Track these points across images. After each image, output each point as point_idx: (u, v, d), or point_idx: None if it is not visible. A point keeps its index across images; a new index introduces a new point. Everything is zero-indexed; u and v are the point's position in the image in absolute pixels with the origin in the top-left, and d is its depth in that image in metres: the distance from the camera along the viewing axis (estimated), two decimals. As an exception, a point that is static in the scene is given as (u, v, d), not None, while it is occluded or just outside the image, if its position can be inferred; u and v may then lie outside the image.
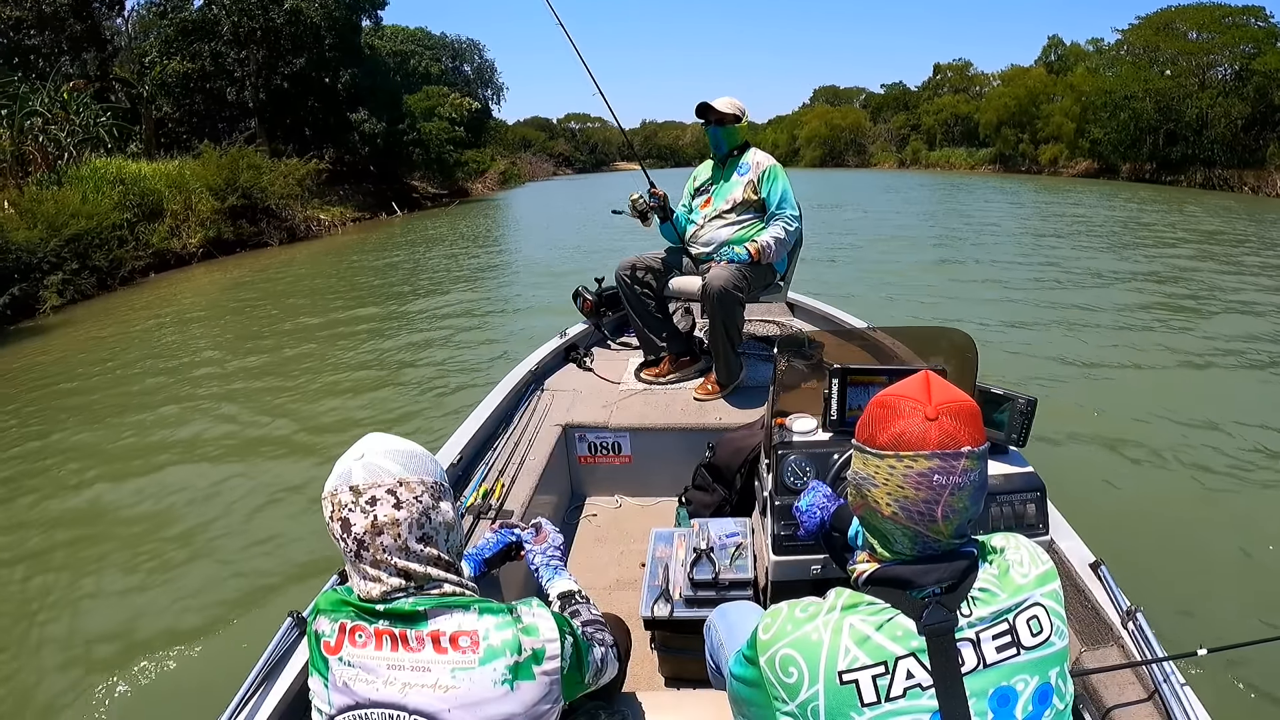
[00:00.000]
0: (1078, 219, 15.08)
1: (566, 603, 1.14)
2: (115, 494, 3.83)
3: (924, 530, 0.77)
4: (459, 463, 2.11)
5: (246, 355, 6.48)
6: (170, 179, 13.63)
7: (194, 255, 12.92)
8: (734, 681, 0.89)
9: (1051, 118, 34.16)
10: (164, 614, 2.78)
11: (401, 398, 5.22)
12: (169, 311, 8.87)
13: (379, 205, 22.86)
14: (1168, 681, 1.21)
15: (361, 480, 0.85)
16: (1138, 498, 3.37)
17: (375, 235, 17.63)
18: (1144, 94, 26.65)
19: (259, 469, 4.06)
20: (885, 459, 0.77)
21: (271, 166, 16.31)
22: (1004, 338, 6.03)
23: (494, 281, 10.25)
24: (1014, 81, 39.13)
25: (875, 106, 58.95)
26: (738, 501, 2.02)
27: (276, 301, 9.12)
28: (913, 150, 48.37)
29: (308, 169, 17.50)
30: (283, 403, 5.17)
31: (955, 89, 48.60)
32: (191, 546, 3.27)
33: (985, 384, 1.61)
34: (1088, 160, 31.33)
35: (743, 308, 2.62)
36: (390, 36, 35.54)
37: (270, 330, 7.52)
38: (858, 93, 67.57)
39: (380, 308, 8.37)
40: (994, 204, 19.71)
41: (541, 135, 72.26)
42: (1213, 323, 6.61)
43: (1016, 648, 0.76)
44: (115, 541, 3.34)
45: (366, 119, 23.12)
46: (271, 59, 20.57)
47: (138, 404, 5.32)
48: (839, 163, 54.80)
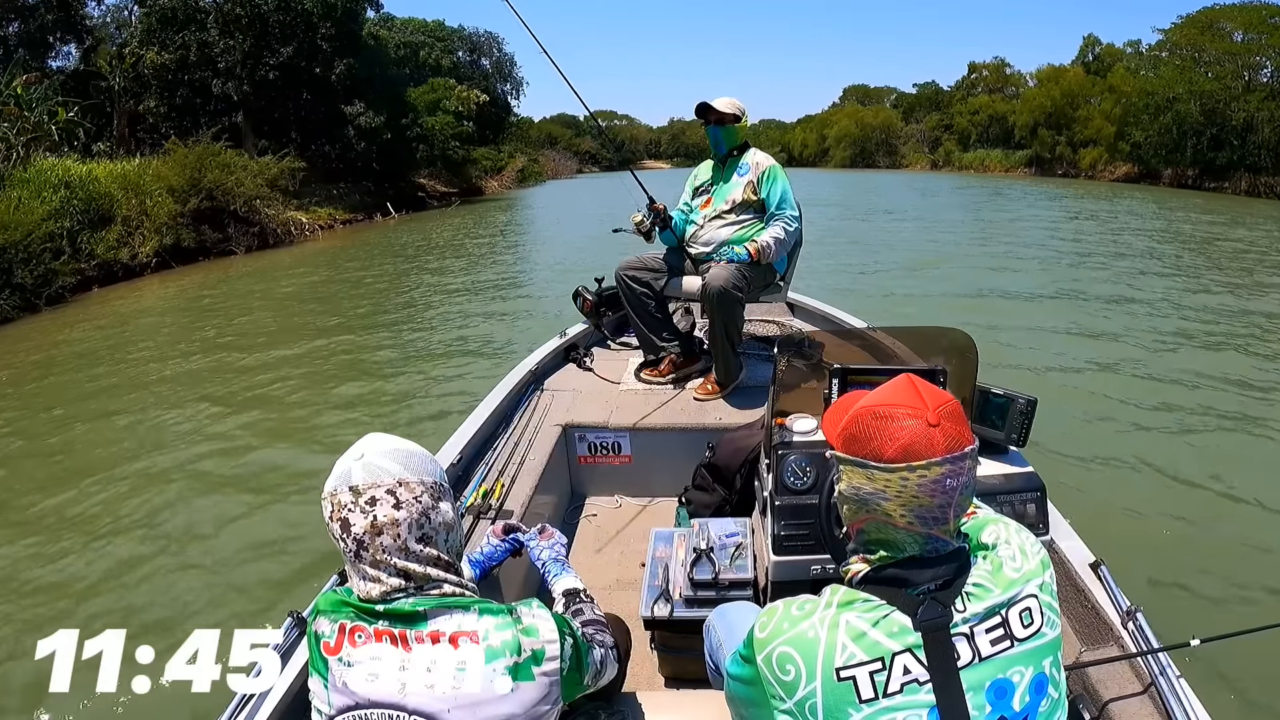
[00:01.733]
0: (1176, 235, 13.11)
1: (570, 600, 1.14)
2: (116, 494, 3.83)
3: (936, 532, 0.78)
4: (459, 463, 2.11)
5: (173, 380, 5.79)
6: (126, 180, 12.22)
7: (146, 265, 11.56)
8: (731, 681, 0.89)
9: (1091, 120, 33.13)
10: (163, 615, 2.79)
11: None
12: (100, 334, 7.73)
13: (376, 206, 21.45)
14: (1164, 675, 1.22)
15: (361, 480, 0.85)
16: (1138, 498, 3.37)
17: (358, 241, 16.05)
18: (1188, 96, 25.57)
19: (259, 469, 4.06)
20: (897, 472, 0.76)
21: (243, 164, 14.70)
22: (1006, 338, 6.03)
23: (425, 320, 7.92)
24: (1050, 82, 37.89)
25: (906, 106, 57.42)
26: (738, 501, 2.02)
27: (221, 319, 8.11)
28: (945, 151, 46.98)
29: (280, 167, 15.72)
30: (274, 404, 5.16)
31: (990, 88, 46.96)
32: (191, 547, 3.27)
33: (985, 384, 1.61)
34: (1127, 164, 30.19)
35: (743, 307, 2.62)
36: (401, 28, 34.04)
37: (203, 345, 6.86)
38: (888, 92, 66.08)
39: (289, 348, 6.68)
40: (1049, 212, 17.99)
41: (567, 132, 70.76)
42: (1214, 322, 6.62)
43: (1010, 640, 0.76)
44: (115, 541, 3.34)
45: (363, 112, 21.46)
46: (258, 48, 18.89)
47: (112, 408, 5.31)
48: (869, 164, 53.39)
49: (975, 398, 1.61)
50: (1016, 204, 20.63)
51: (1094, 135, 32.82)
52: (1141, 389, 4.89)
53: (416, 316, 8.11)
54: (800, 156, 62.67)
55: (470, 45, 41.89)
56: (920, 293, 8.28)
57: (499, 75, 42.87)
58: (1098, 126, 32.48)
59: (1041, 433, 1.62)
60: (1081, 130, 33.95)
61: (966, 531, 0.85)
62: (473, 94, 31.18)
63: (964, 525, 0.86)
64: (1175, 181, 26.65)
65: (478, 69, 41.01)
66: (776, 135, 76.37)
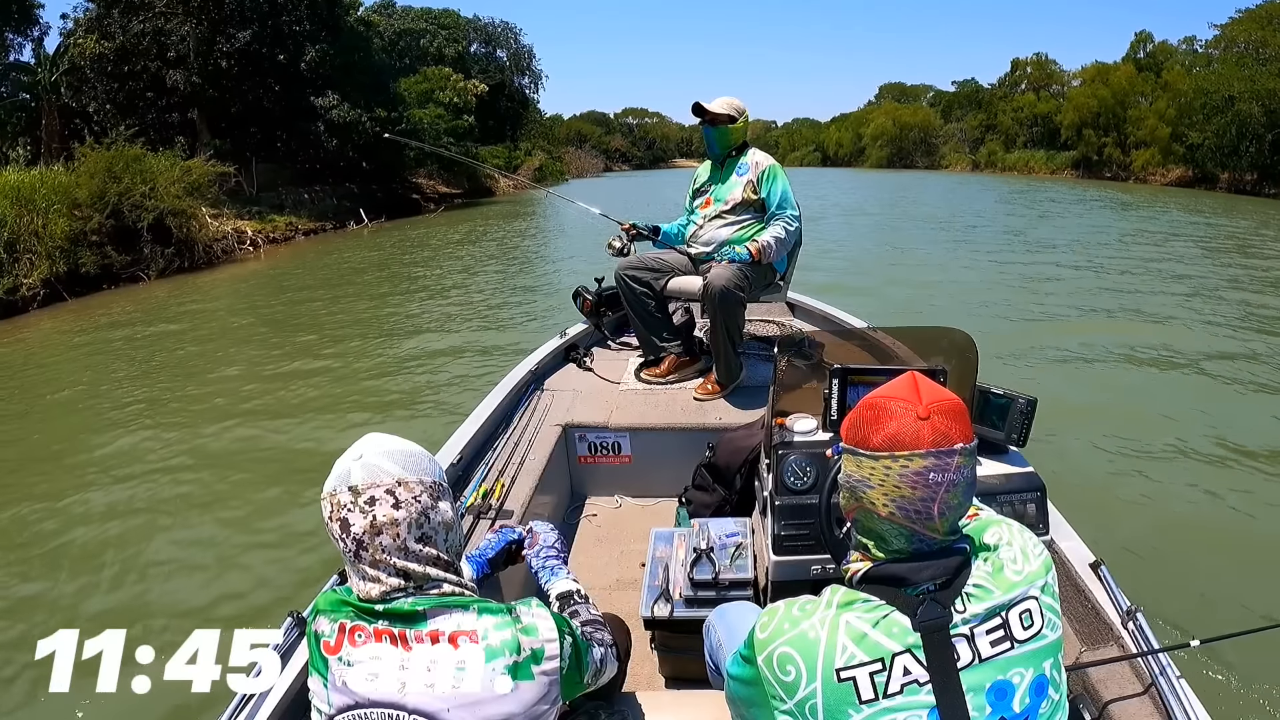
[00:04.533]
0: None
1: (566, 603, 1.14)
2: (115, 493, 3.83)
3: (921, 529, 0.78)
4: (459, 463, 2.11)
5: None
6: (17, 195, 10.07)
7: (32, 300, 9.40)
8: (731, 681, 0.89)
9: (1144, 120, 31.16)
10: (163, 615, 2.79)
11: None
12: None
13: (353, 211, 18.70)
14: (1164, 676, 1.22)
15: (360, 480, 0.85)
16: (1138, 498, 3.37)
17: (306, 258, 13.41)
18: (1249, 95, 24.12)
19: (259, 470, 4.06)
20: (880, 460, 0.77)
21: (168, 168, 12.32)
22: (1008, 338, 6.02)
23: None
24: (1098, 80, 36.16)
25: (945, 104, 55.68)
26: (738, 501, 2.01)
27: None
28: (988, 152, 45.16)
29: (203, 172, 13.08)
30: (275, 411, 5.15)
31: (1034, 86, 44.77)
32: (191, 548, 3.27)
33: (985, 384, 1.61)
34: (1181, 168, 28.54)
35: (744, 307, 2.62)
36: (401, 15, 31.42)
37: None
38: (925, 90, 64.32)
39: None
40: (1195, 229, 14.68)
41: (597, 130, 69.55)
42: (1216, 323, 6.61)
43: (1010, 642, 0.76)
44: (115, 541, 3.34)
45: (336, 104, 18.63)
46: (212, 33, 16.30)
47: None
48: (907, 164, 51.79)
49: (975, 397, 1.60)
50: (1155, 222, 16.26)
51: (1147, 136, 30.97)
52: (1142, 389, 4.90)
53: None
54: (835, 156, 61.21)
55: (485, 36, 39.37)
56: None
57: (516, 68, 40.46)
58: (1151, 127, 30.56)
59: (1042, 432, 1.61)
60: (1134, 131, 32.19)
61: (969, 533, 0.85)
62: (471, 84, 28.73)
63: (967, 527, 0.86)
64: (1232, 186, 25.26)
65: (493, 61, 38.47)
66: (811, 134, 74.27)
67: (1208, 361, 5.43)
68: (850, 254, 11.85)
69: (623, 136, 74.30)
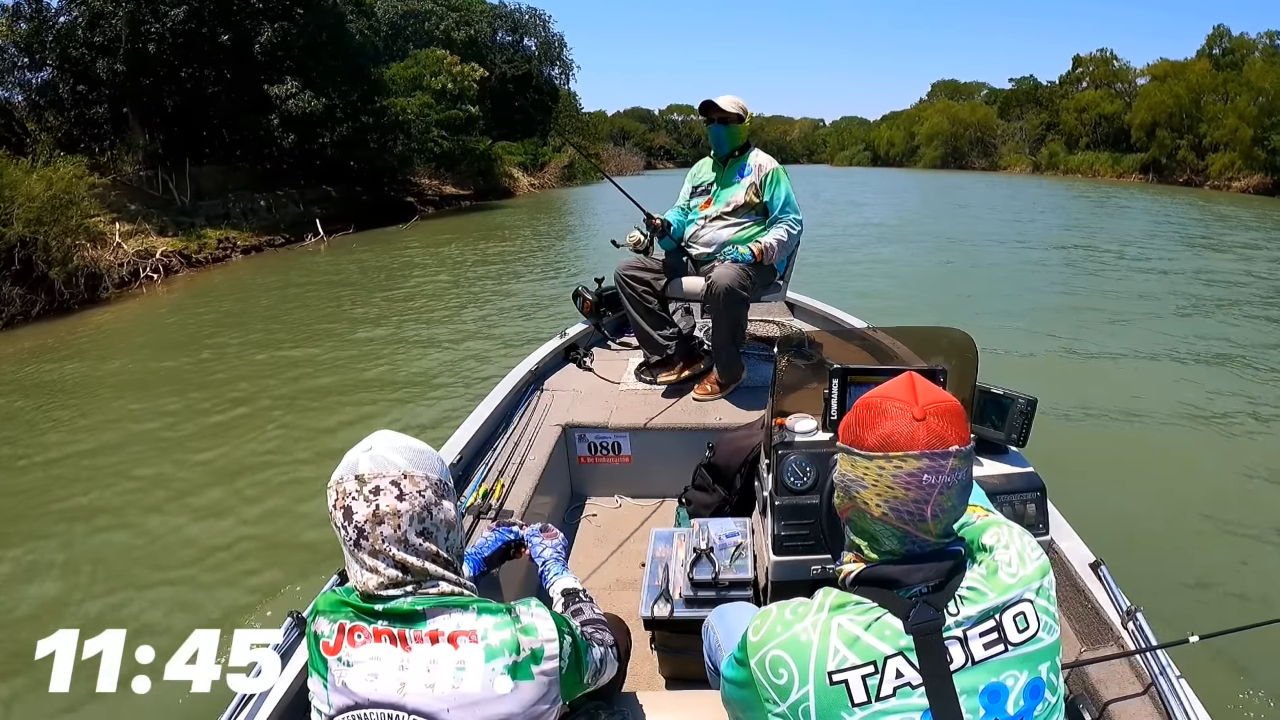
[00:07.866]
0: None
1: (570, 600, 1.14)
2: (115, 494, 3.83)
3: (913, 530, 0.78)
4: (459, 463, 2.11)
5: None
6: None
7: None
8: (726, 684, 0.89)
9: (1224, 119, 27.99)
10: (163, 614, 2.79)
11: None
12: None
13: (337, 218, 15.84)
14: (1164, 675, 1.22)
15: (367, 470, 0.86)
16: (1138, 498, 3.37)
17: (213, 292, 10.15)
18: None
19: (259, 471, 4.06)
20: (874, 460, 0.77)
21: (22, 177, 9.22)
22: (1009, 338, 6.02)
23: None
24: (1171, 77, 32.99)
25: (1001, 102, 52.06)
26: (738, 501, 2.01)
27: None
28: (1049, 153, 41.66)
29: (68, 177, 9.81)
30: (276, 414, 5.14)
31: (1098, 84, 41.38)
32: (190, 548, 3.27)
33: (985, 384, 1.61)
34: (1260, 174, 25.97)
35: (747, 307, 2.62)
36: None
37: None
38: (978, 87, 61.16)
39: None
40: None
41: (641, 127, 67.79)
42: (1217, 324, 6.61)
43: (1004, 644, 0.76)
44: (114, 541, 3.34)
45: (295, 93, 15.27)
46: (140, 13, 13.26)
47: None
48: (962, 164, 48.82)
49: (975, 397, 1.60)
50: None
51: (1227, 138, 27.81)
52: (1142, 389, 4.89)
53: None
54: (886, 155, 58.78)
55: (511, 23, 35.73)
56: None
57: (545, 57, 37.05)
58: (1231, 127, 27.30)
59: (1042, 432, 1.61)
60: (1211, 132, 28.92)
61: (968, 535, 0.85)
62: (468, 69, 24.03)
63: (966, 528, 0.86)
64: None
65: (520, 50, 35.53)
66: (860, 133, 71.44)
67: (1208, 361, 5.44)
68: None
69: (667, 133, 72.66)
